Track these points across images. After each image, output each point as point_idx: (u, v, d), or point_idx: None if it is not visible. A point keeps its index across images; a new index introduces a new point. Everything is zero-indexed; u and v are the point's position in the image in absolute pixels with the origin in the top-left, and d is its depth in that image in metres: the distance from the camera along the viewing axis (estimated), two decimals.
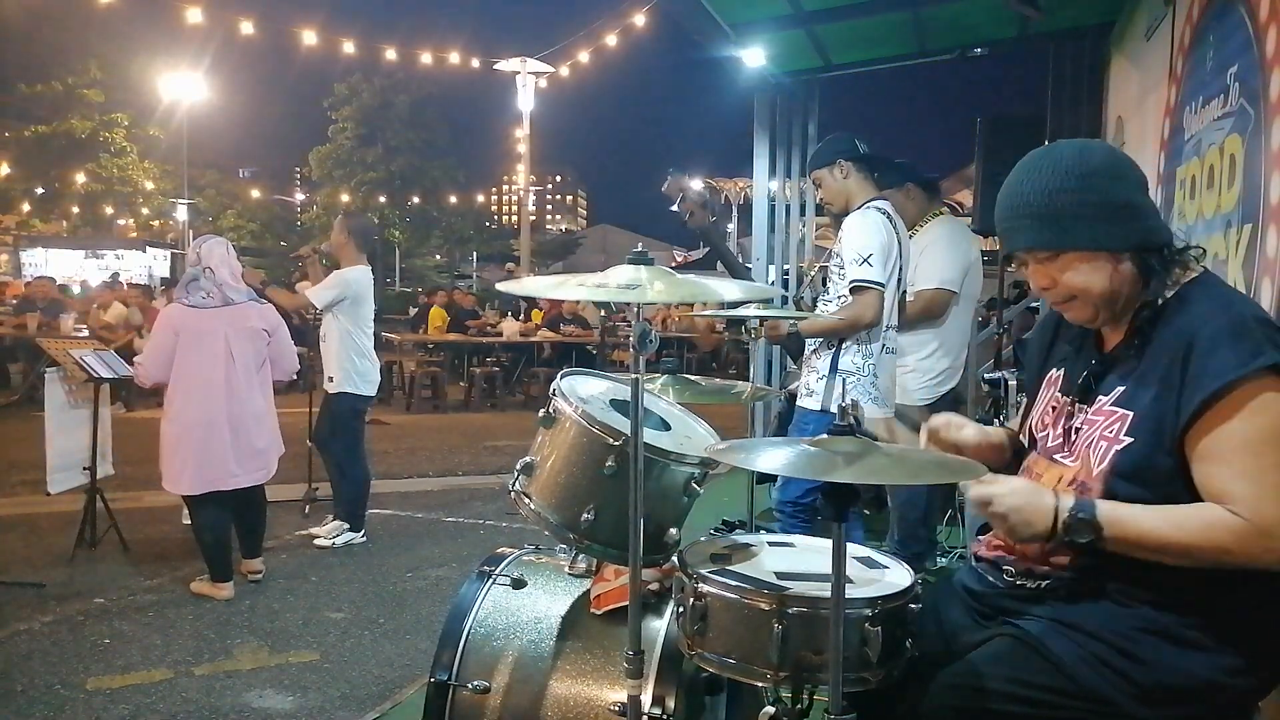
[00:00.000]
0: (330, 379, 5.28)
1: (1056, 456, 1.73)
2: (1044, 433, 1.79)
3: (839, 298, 3.42)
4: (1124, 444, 1.59)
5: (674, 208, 3.36)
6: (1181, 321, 1.58)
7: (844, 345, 3.39)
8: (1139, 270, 1.63)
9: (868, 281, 3.29)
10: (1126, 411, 1.61)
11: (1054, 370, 1.83)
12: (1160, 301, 1.63)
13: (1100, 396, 1.68)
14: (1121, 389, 1.64)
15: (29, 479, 6.12)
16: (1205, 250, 1.72)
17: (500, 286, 2.10)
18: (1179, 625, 1.56)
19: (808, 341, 3.55)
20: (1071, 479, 1.68)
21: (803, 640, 1.59)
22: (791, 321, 3.48)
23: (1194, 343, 1.54)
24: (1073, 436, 1.71)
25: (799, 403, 3.51)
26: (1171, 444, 1.55)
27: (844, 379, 3.36)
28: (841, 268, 3.40)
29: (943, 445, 1.90)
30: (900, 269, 3.50)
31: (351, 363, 5.26)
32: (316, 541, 5.30)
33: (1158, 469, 1.56)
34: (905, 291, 3.65)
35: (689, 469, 2.00)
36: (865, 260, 3.30)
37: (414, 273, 42.14)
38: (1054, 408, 1.78)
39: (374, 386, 5.47)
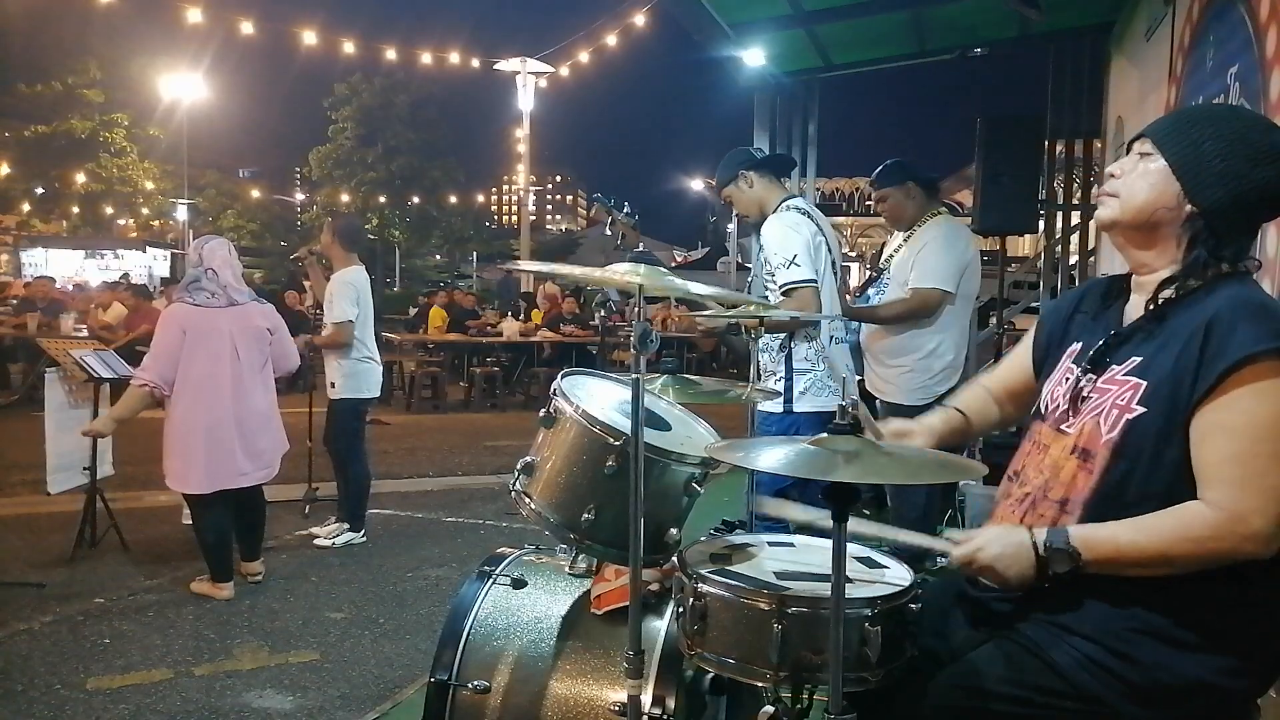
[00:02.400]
0: (332, 385, 5.29)
1: (1063, 426, 1.72)
2: (1055, 404, 1.77)
3: (778, 304, 3.43)
4: (1136, 413, 1.58)
5: (607, 231, 3.38)
6: (1206, 306, 1.58)
7: (794, 344, 3.41)
8: (1188, 232, 1.63)
9: (800, 282, 3.33)
10: (1140, 381, 1.60)
11: (1075, 343, 1.82)
12: (1190, 284, 1.62)
13: (1114, 366, 1.67)
14: (1138, 359, 1.63)
15: (29, 479, 6.12)
16: (1260, 263, 1.71)
17: (503, 266, 2.14)
18: (1172, 625, 1.55)
19: (760, 348, 3.54)
20: (1072, 447, 1.67)
21: (803, 640, 1.59)
22: (736, 324, 3.46)
23: (1215, 320, 1.54)
24: (1079, 404, 1.70)
25: (759, 407, 3.47)
26: (1185, 417, 1.54)
27: (820, 376, 3.38)
28: (771, 274, 3.41)
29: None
30: (831, 259, 3.51)
31: (353, 366, 5.28)
32: (316, 541, 5.30)
33: (1169, 442, 1.55)
34: (843, 279, 3.65)
35: (689, 469, 2.00)
36: (792, 262, 3.34)
37: (414, 273, 42.10)
38: (1067, 378, 1.77)
39: (377, 386, 5.49)
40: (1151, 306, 1.66)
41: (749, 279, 4.95)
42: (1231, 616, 1.55)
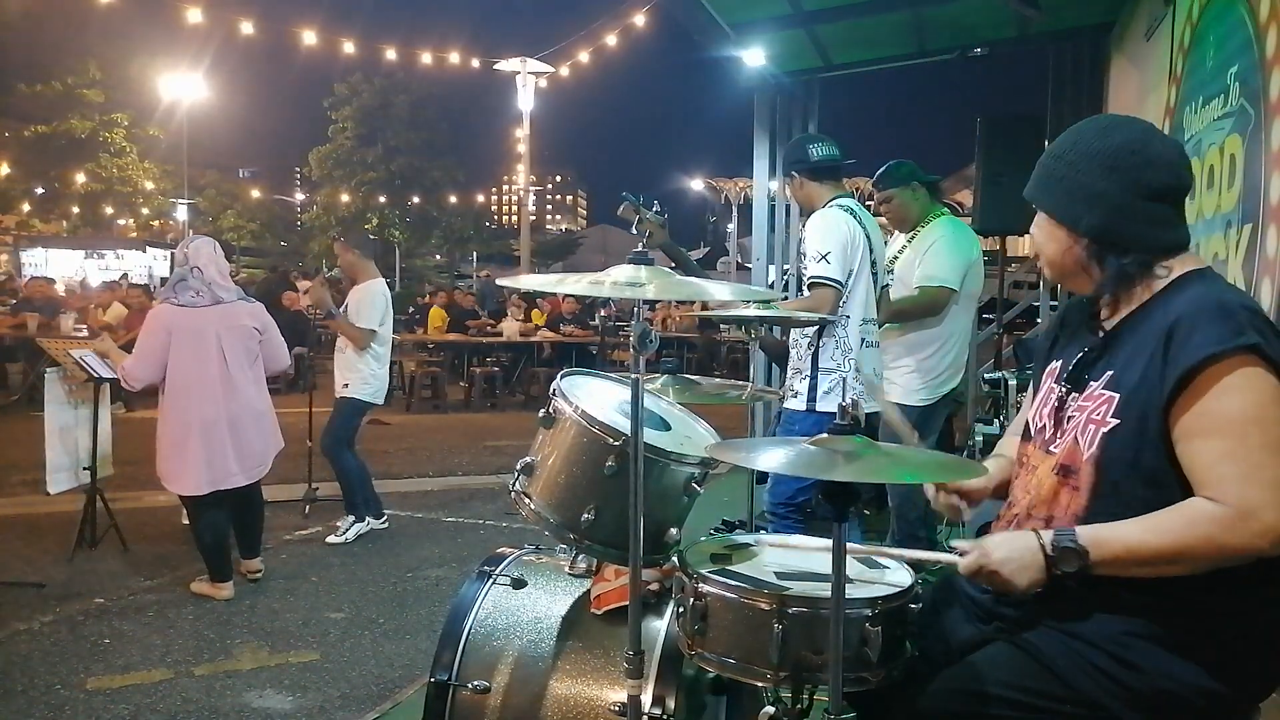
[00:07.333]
0: (345, 385, 5.38)
1: (1050, 447, 1.73)
2: (1041, 424, 1.79)
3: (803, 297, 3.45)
4: (1110, 425, 1.59)
5: (633, 230, 3.38)
6: (1171, 307, 1.59)
7: (822, 343, 3.41)
8: (1094, 257, 1.66)
9: (824, 279, 3.33)
10: (1113, 394, 1.61)
11: (1055, 362, 1.84)
12: (1136, 293, 1.65)
13: (1091, 382, 1.68)
14: (1110, 373, 1.64)
15: (29, 479, 6.12)
16: (1171, 271, 1.67)
17: (501, 282, 2.16)
18: (1173, 631, 1.55)
19: (790, 344, 3.55)
20: (1055, 465, 1.68)
21: (803, 640, 1.59)
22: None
23: (1178, 322, 1.55)
24: (1063, 424, 1.71)
25: (785, 404, 3.51)
26: (1156, 423, 1.54)
27: (846, 377, 3.37)
28: (805, 267, 3.42)
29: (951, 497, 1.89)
30: (873, 262, 3.51)
31: (371, 371, 5.39)
32: (329, 539, 5.35)
33: (1145, 450, 1.56)
34: (887, 285, 3.64)
35: (689, 469, 2.00)
36: (823, 258, 3.34)
37: (414, 273, 42.10)
38: (1050, 398, 1.78)
39: (383, 395, 5.59)
40: (1113, 323, 1.68)
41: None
42: (1233, 622, 1.55)
